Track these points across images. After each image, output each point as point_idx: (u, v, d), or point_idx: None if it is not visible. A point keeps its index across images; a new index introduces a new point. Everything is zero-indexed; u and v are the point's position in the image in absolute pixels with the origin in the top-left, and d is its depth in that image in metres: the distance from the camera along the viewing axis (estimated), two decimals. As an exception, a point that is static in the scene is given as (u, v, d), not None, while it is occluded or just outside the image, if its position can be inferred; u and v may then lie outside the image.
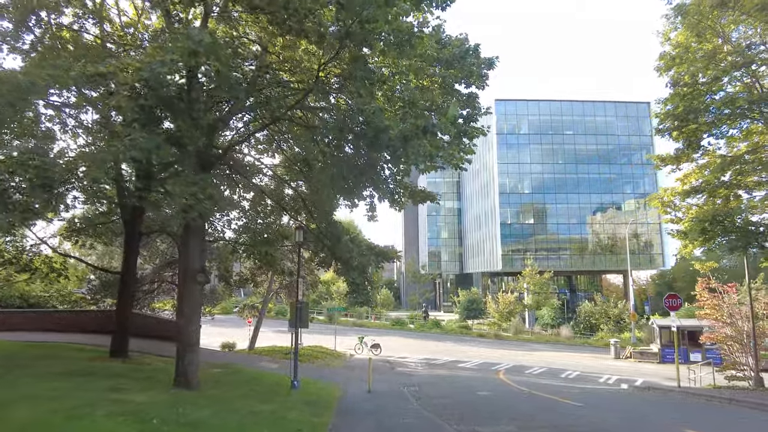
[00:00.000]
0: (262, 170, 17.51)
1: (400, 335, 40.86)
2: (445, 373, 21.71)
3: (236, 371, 15.78)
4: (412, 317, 50.87)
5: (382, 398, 13.50)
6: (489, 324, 49.02)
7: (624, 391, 17.22)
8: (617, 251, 60.87)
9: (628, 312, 43.05)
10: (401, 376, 19.61)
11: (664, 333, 29.24)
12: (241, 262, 22.86)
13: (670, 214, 17.25)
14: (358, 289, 12.87)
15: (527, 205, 61.86)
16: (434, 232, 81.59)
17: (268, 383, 14.14)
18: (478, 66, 10.75)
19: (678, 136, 15.14)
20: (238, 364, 17.72)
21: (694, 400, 14.66)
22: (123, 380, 10.58)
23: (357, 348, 28.72)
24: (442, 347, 33.62)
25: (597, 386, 20.00)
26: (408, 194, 13.87)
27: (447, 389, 15.84)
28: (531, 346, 38.22)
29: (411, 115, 7.78)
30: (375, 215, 14.65)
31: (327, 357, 23.72)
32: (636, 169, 62.45)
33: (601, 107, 63.15)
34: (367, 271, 13.34)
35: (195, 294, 10.37)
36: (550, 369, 25.11)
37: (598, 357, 31.26)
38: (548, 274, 47.40)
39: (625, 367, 26.95)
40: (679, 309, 16.85)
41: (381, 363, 24.13)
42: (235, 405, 9.46)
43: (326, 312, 44.32)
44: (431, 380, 18.58)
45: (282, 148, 16.55)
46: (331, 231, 13.36)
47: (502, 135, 62.05)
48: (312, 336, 34.14)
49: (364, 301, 14.00)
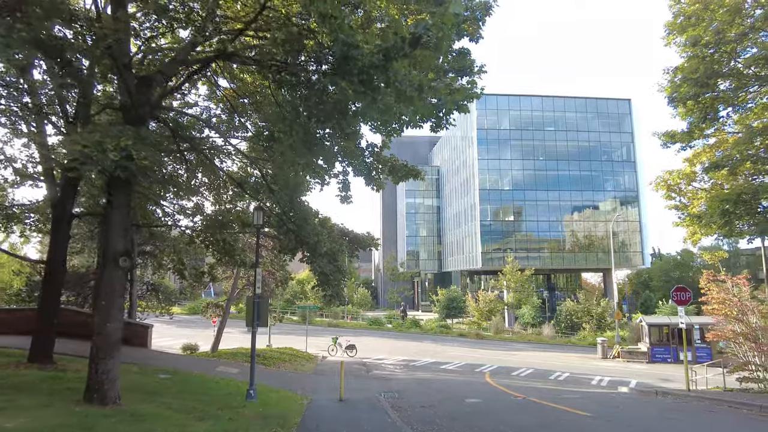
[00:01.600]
0: (223, 150, 15.20)
1: (378, 335, 38.82)
2: (426, 376, 19.74)
3: (185, 378, 13.45)
4: (390, 317, 48.87)
5: (356, 409, 11.41)
6: (469, 323, 47.44)
7: (629, 396, 15.49)
8: (596, 249, 60.14)
9: (611, 310, 42.02)
10: (379, 381, 17.56)
11: (653, 331, 27.95)
12: (199, 255, 20.45)
13: (675, 199, 15.71)
14: (328, 281, 10.78)
15: (508, 203, 60.57)
16: (413, 230, 79.81)
17: (221, 393, 11.89)
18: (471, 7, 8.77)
19: (692, 107, 13.47)
20: (191, 370, 15.37)
21: (717, 408, 12.83)
22: (22, 395, 8.23)
23: (331, 349, 26.56)
24: (421, 348, 31.72)
25: (593, 390, 18.34)
26: (387, 170, 11.81)
27: (431, 396, 13.84)
28: (513, 345, 36.68)
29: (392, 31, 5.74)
30: (349, 196, 12.54)
31: (296, 360, 21.50)
32: (616, 166, 61.90)
33: (582, 104, 62.37)
34: (337, 259, 11.25)
35: (116, 282, 8.07)
36: (538, 370, 23.43)
37: (584, 357, 29.82)
38: (529, 271, 46.07)
39: (615, 368, 25.49)
40: (688, 303, 15.23)
41: (356, 366, 22.03)
42: (162, 425, 7.25)
43: (299, 311, 41.89)
44: (412, 385, 16.57)
45: (246, 125, 14.28)
46: (296, 212, 11.21)
47: (482, 130, 60.63)
48: (284, 337, 31.85)
49: (334, 295, 11.73)
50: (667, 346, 27.36)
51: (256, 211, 11.81)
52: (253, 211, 11.97)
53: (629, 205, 60.77)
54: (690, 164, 15.02)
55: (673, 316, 32.98)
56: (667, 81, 14.26)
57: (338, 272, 11.14)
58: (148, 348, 18.59)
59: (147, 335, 18.54)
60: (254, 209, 11.93)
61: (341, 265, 11.51)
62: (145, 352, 17.80)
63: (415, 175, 11.51)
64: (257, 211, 11.79)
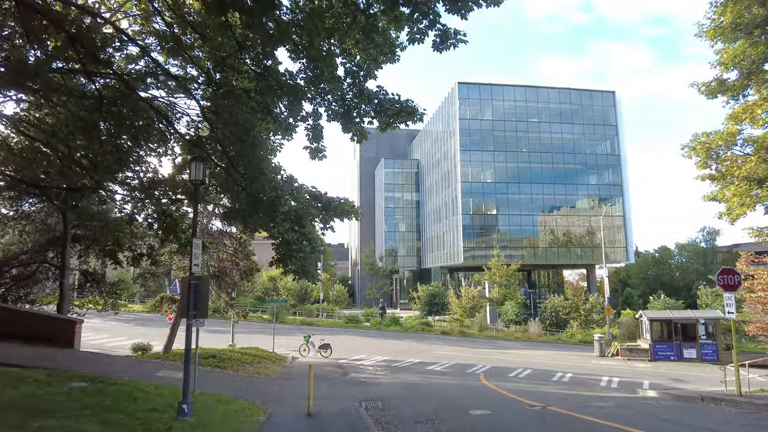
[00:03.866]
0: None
1: (355, 334, 35.81)
2: (413, 379, 16.89)
3: (104, 388, 10.24)
4: (368, 314, 45.87)
5: (328, 428, 8.49)
6: (451, 320, 44.87)
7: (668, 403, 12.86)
8: (580, 245, 58.48)
9: (599, 306, 40.01)
10: (357, 387, 14.62)
11: (655, 327, 25.75)
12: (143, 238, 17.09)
13: (710, 167, 13.30)
14: (290, 252, 7.86)
15: (490, 196, 58.32)
16: (392, 226, 76.99)
17: (144, 408, 8.77)
18: None
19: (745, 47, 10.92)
20: (121, 376, 12.13)
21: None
22: None
23: (302, 349, 23.46)
24: (403, 347, 28.89)
25: (611, 393, 15.81)
26: (373, 108, 8.92)
27: (424, 406, 11.00)
28: (500, 343, 34.20)
29: None
30: (321, 149, 9.60)
31: (261, 362, 18.36)
32: (600, 159, 60.40)
33: (566, 94, 60.64)
34: (305, 225, 8.32)
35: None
36: (536, 371, 20.86)
37: (580, 355, 27.48)
38: (516, 265, 43.77)
39: (617, 367, 23.14)
40: (737, 288, 12.75)
41: (331, 368, 19.04)
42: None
43: (267, 305, 38.44)
44: (399, 391, 13.70)
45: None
46: (248, 161, 8.20)
47: (465, 120, 58.22)
48: (252, 336, 28.58)
49: (299, 270, 8.68)
50: (670, 343, 25.19)
51: (194, 163, 8.74)
52: (190, 162, 8.89)
53: (614, 200, 59.28)
54: (734, 122, 12.60)
55: (676, 311, 31.06)
56: (709, 21, 11.81)
57: (305, 240, 8.20)
58: (75, 348, 15.20)
59: (74, 333, 15.15)
60: (191, 160, 8.85)
61: (309, 233, 8.56)
62: (69, 354, 14.42)
63: (410, 115, 8.60)
64: (195, 163, 8.72)
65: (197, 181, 8.64)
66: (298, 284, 52.21)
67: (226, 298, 23.59)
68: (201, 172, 8.70)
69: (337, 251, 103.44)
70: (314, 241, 8.85)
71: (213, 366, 16.21)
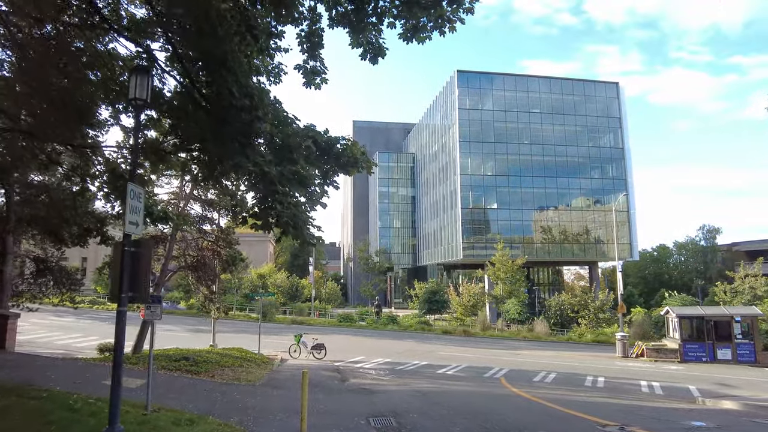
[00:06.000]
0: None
1: (350, 333, 33.01)
2: (426, 386, 14.14)
3: (18, 403, 7.38)
4: (363, 313, 43.01)
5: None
6: (451, 319, 42.22)
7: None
8: (585, 240, 56.16)
9: (609, 304, 37.60)
10: (360, 396, 11.87)
11: (684, 325, 23.25)
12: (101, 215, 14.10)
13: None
14: (274, 195, 5.08)
15: (490, 189, 55.70)
16: (386, 222, 74.20)
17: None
18: None
19: None
20: (53, 386, 9.24)
21: None
22: None
23: (293, 350, 20.66)
24: (404, 347, 26.17)
25: (671, 404, 13.23)
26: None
27: (454, 426, 8.29)
28: (507, 343, 31.64)
29: None
30: (319, 69, 6.89)
31: (244, 365, 15.51)
32: (604, 152, 58.11)
33: (569, 85, 58.28)
34: (297, 161, 5.59)
35: None
36: (561, 374, 18.24)
37: (600, 356, 24.91)
38: (521, 260, 41.21)
39: (648, 369, 20.58)
40: None
41: (327, 372, 16.24)
42: None
43: (256, 304, 35.44)
44: (413, 402, 10.97)
45: None
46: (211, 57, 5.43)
47: (464, 110, 55.58)
48: (238, 336, 25.75)
49: (286, 224, 5.83)
50: (701, 343, 22.70)
51: (136, 75, 5.92)
52: (131, 73, 6.06)
53: (618, 194, 56.95)
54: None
55: (707, 307, 28.60)
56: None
57: (294, 181, 5.47)
58: (5, 349, 12.22)
59: (6, 330, 12.18)
60: (132, 71, 6.04)
61: (303, 169, 5.80)
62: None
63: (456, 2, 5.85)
64: (137, 75, 5.90)
65: (139, 101, 5.82)
66: (289, 281, 49.30)
67: (206, 292, 20.68)
68: (145, 89, 5.87)
69: (328, 251, 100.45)
70: (308, 185, 5.95)
71: (184, 370, 13.34)
